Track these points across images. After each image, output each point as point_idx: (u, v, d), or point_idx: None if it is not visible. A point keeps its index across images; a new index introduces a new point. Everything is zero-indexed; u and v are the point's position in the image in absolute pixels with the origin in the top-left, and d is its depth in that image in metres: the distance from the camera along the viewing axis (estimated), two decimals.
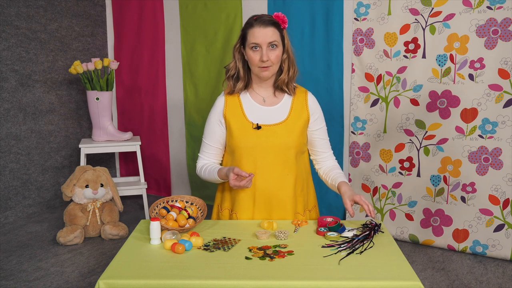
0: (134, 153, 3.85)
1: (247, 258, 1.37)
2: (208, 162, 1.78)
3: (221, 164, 1.81)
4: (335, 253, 1.40)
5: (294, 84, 1.75)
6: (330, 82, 3.02)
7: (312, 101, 1.76)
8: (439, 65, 2.66)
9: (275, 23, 1.63)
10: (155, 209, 1.65)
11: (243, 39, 1.66)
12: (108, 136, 3.45)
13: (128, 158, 4.15)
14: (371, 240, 1.49)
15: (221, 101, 1.74)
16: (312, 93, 1.79)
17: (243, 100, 1.72)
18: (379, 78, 2.84)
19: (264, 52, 1.59)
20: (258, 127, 1.67)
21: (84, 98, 3.84)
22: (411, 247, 2.85)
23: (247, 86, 1.74)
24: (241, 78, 1.71)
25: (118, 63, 3.51)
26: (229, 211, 1.78)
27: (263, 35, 1.59)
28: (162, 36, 3.72)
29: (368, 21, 2.83)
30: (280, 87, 1.71)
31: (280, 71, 1.69)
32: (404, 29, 2.72)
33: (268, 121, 1.68)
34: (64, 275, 2.45)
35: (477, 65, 2.55)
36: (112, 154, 4.19)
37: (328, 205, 3.16)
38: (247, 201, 1.71)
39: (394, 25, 2.74)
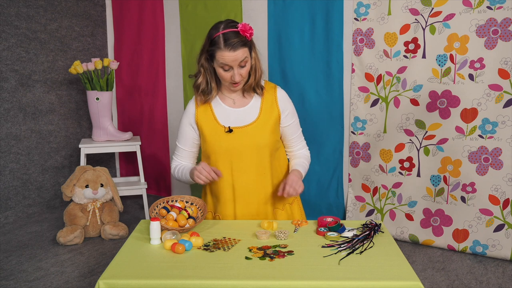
0: (134, 153, 3.85)
1: (247, 258, 1.37)
2: (181, 164, 1.81)
3: None
4: (335, 253, 1.40)
5: (262, 83, 1.74)
6: (330, 82, 3.02)
7: (281, 97, 1.75)
8: (439, 65, 2.66)
9: (244, 43, 1.57)
10: (155, 209, 1.65)
11: (210, 54, 1.61)
12: (108, 136, 3.45)
13: (128, 158, 4.15)
14: (371, 240, 1.49)
15: (192, 107, 1.75)
16: (281, 88, 1.78)
17: (214, 104, 1.73)
18: (379, 78, 2.84)
19: (236, 72, 1.59)
20: (230, 131, 1.68)
21: (84, 98, 3.84)
22: (411, 247, 2.85)
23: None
24: (214, 88, 1.70)
25: (118, 63, 3.51)
26: (212, 214, 1.84)
27: (234, 58, 1.56)
28: (162, 36, 3.72)
29: (368, 21, 2.83)
30: (247, 91, 1.72)
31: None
32: (404, 29, 2.72)
33: (240, 123, 1.69)
34: (64, 275, 2.45)
35: (477, 65, 2.55)
36: (112, 154, 4.19)
37: (328, 205, 3.16)
38: (228, 202, 1.75)
39: (394, 25, 2.74)
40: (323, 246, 1.45)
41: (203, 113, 1.72)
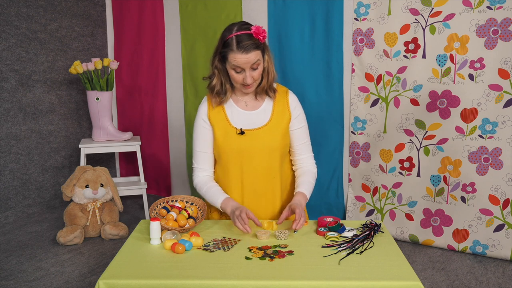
0: (134, 153, 3.85)
1: (247, 258, 1.37)
2: (208, 179, 1.76)
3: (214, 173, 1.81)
4: (335, 253, 1.40)
5: (274, 86, 1.73)
6: (330, 82, 3.02)
7: (293, 100, 1.75)
8: (439, 65, 2.66)
9: (257, 45, 1.56)
10: (155, 209, 1.65)
11: (223, 56, 1.61)
12: (108, 136, 3.45)
13: (128, 158, 4.15)
14: (371, 240, 1.49)
15: (204, 107, 1.74)
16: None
17: (226, 105, 1.73)
18: (379, 78, 2.85)
19: (247, 75, 1.58)
20: (242, 133, 1.67)
21: (84, 98, 3.84)
22: (411, 247, 2.85)
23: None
24: (228, 90, 1.69)
25: (118, 63, 3.51)
26: (219, 214, 1.82)
27: (246, 60, 1.55)
28: (162, 36, 3.72)
29: (368, 21, 2.83)
30: (260, 93, 1.71)
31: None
32: (404, 29, 2.72)
33: (251, 125, 1.69)
34: (64, 275, 2.45)
35: (477, 65, 2.55)
36: (112, 154, 4.19)
37: (328, 205, 3.16)
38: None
39: (394, 25, 2.74)
40: (323, 246, 1.45)
41: (215, 113, 1.71)
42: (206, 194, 1.73)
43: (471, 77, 2.58)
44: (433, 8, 2.61)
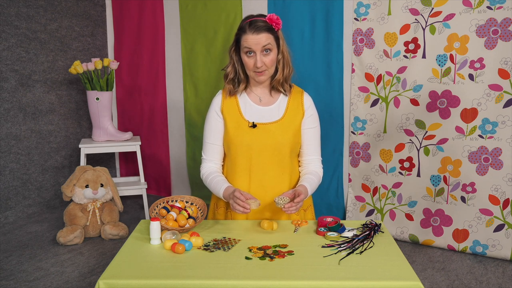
0: (134, 153, 3.85)
1: (247, 258, 1.37)
2: (214, 170, 1.76)
3: (223, 166, 1.81)
4: (335, 253, 1.40)
5: (291, 84, 1.74)
6: (330, 82, 3.02)
7: (307, 100, 1.75)
8: (439, 65, 2.66)
9: (269, 28, 1.60)
10: (155, 209, 1.65)
11: (237, 43, 1.65)
12: (108, 136, 3.45)
13: (128, 158, 4.15)
14: (371, 240, 1.49)
15: (218, 100, 1.74)
16: (308, 94, 1.78)
17: (240, 98, 1.73)
18: (379, 78, 2.85)
19: (258, 58, 1.59)
20: (254, 126, 1.67)
21: (84, 98, 3.84)
22: (411, 247, 2.85)
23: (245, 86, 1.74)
24: (242, 80, 1.70)
25: (118, 63, 3.51)
26: (225, 209, 1.80)
27: (256, 41, 1.58)
28: (162, 36, 3.72)
29: (368, 21, 2.83)
30: (275, 87, 1.71)
31: (275, 71, 1.69)
32: (404, 29, 2.72)
33: (264, 120, 1.69)
34: (64, 275, 2.45)
35: (477, 65, 2.55)
36: (112, 154, 4.19)
37: (328, 205, 3.16)
38: None
39: (394, 25, 2.74)
40: (323, 246, 1.45)
41: (228, 105, 1.71)
42: (210, 184, 1.73)
43: (471, 77, 2.58)
44: (433, 8, 2.61)
